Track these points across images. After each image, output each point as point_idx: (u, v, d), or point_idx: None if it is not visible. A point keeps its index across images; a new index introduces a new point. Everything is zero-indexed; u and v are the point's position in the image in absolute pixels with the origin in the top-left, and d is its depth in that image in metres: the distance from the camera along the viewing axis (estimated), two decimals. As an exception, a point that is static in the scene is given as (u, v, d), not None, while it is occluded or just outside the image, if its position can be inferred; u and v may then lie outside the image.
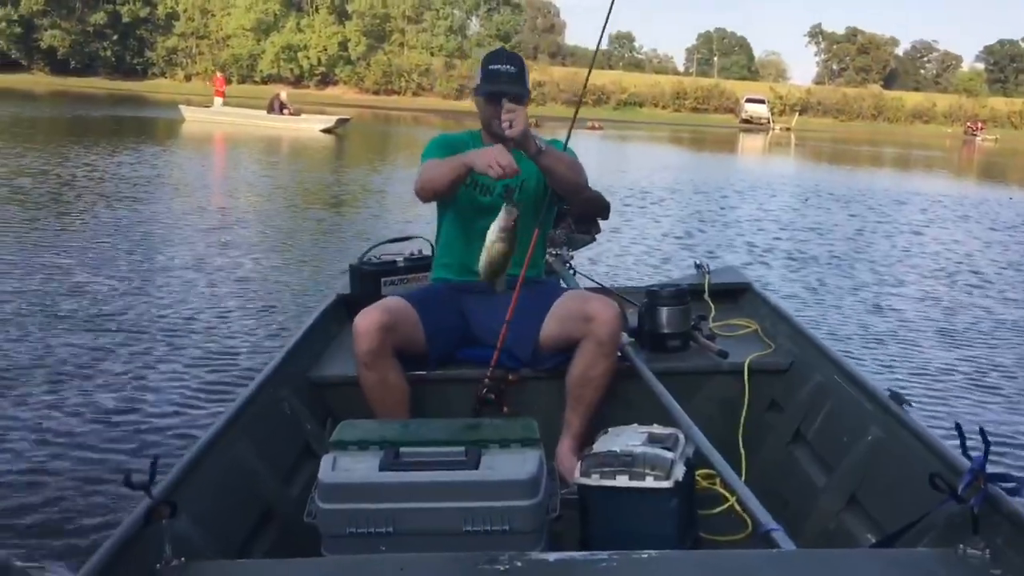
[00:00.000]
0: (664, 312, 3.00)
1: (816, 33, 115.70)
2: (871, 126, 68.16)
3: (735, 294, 3.60)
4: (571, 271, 3.24)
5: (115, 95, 49.29)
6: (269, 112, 27.54)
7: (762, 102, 65.65)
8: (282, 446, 2.55)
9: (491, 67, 2.86)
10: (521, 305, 2.74)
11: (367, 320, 2.59)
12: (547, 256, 3.16)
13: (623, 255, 8.05)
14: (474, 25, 74.75)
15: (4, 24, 64.35)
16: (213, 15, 70.25)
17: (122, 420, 3.80)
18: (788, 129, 58.48)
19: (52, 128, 22.59)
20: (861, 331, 5.91)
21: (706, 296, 3.47)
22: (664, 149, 30.92)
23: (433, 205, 2.98)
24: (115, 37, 69.00)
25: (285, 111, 27.74)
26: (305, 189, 12.44)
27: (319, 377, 2.88)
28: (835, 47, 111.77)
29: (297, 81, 64.89)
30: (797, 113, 66.74)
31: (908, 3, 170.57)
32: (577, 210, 3.22)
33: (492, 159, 2.55)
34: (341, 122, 27.55)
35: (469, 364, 2.84)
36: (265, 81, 64.01)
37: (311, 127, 26.67)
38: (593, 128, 36.63)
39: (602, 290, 3.33)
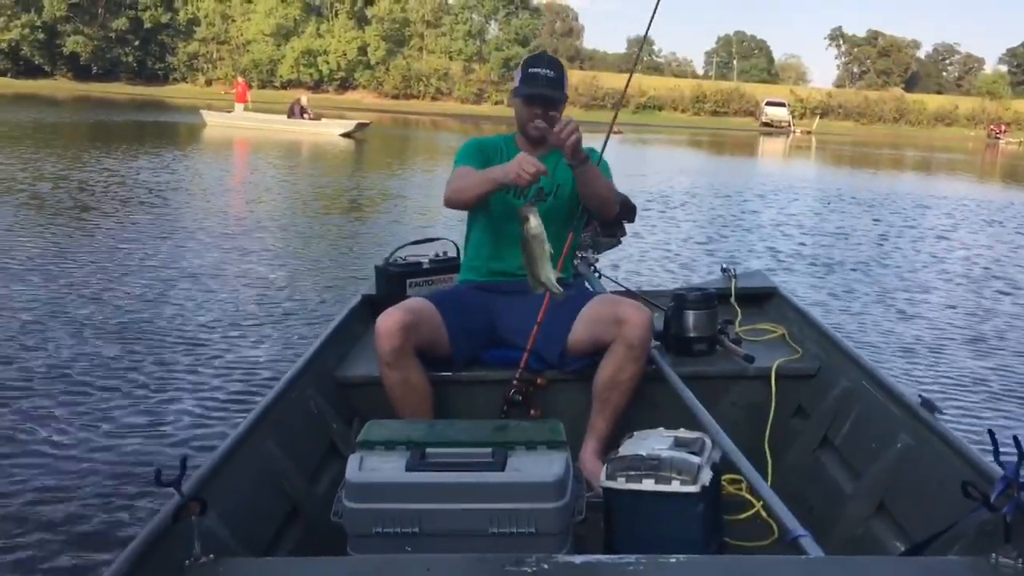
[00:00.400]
0: (691, 316, 2.99)
1: (837, 36, 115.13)
2: (893, 129, 67.67)
3: (761, 299, 3.59)
4: (596, 274, 3.24)
5: (136, 100, 49.76)
6: (290, 117, 27.70)
7: (783, 105, 65.37)
8: (308, 445, 2.56)
9: (531, 70, 2.85)
10: (550, 307, 2.75)
11: (389, 320, 2.61)
12: (575, 259, 3.16)
13: (642, 259, 8.03)
14: (493, 29, 74.85)
15: (28, 30, 65.12)
16: (234, 20, 70.75)
17: (150, 420, 3.83)
18: (809, 132, 58.16)
19: (74, 133, 22.80)
20: (887, 338, 5.84)
21: (733, 300, 3.47)
22: (684, 152, 30.82)
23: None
24: (137, 43, 69.66)
25: (305, 115, 27.91)
26: (327, 193, 12.49)
27: (345, 377, 2.89)
28: (856, 50, 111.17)
29: (316, 86, 65.23)
30: (818, 116, 66.37)
31: (930, 6, 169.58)
32: (606, 215, 3.21)
33: (519, 169, 2.57)
34: (361, 126, 27.66)
35: (496, 366, 2.85)
36: (285, 86, 64.41)
37: (331, 132, 26.80)
38: (616, 133, 36.60)
39: (628, 293, 3.33)
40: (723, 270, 3.68)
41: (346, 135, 26.52)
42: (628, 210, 3.27)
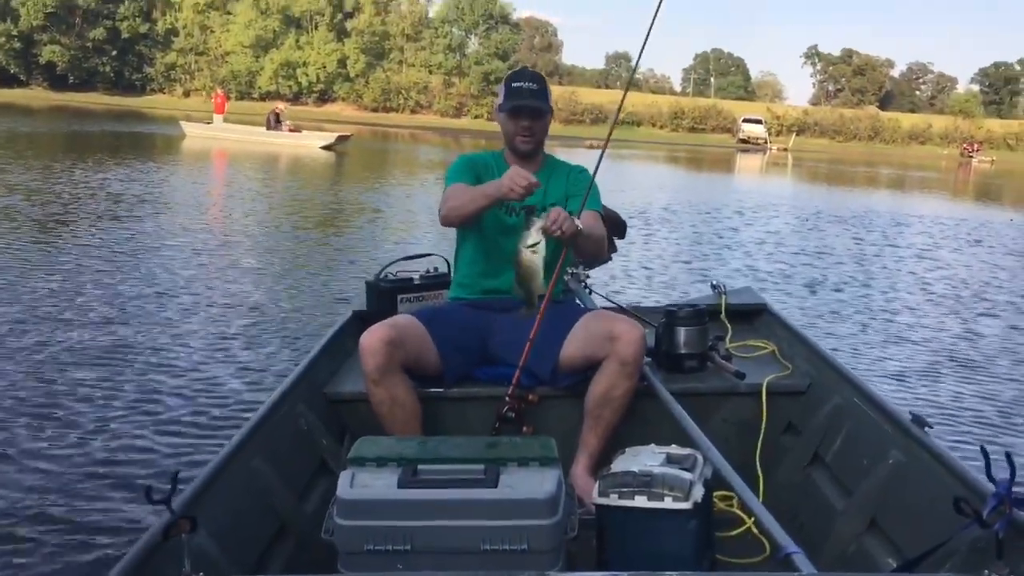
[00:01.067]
0: (682, 332, 3.00)
1: (812, 54, 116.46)
2: (868, 147, 68.47)
3: (752, 315, 3.60)
4: (587, 290, 3.23)
5: (113, 110, 49.41)
6: (268, 128, 27.61)
7: (759, 122, 65.97)
8: (298, 462, 2.54)
9: (514, 84, 2.90)
10: (541, 324, 2.73)
11: (372, 337, 2.60)
12: (565, 275, 3.15)
13: (625, 276, 8.02)
14: (473, 43, 75.08)
15: (3, 39, 64.58)
16: (212, 32, 70.56)
17: (138, 439, 3.78)
18: (785, 149, 58.73)
19: (50, 144, 22.61)
20: (874, 357, 5.83)
21: (723, 317, 3.47)
22: (663, 169, 31.03)
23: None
24: (114, 53, 69.25)
25: (283, 125, 27.81)
26: (312, 207, 12.43)
27: (335, 393, 2.87)
28: (831, 68, 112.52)
29: (296, 98, 65.12)
30: (794, 134, 67.04)
31: (903, 26, 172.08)
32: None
33: (511, 183, 2.58)
34: (341, 139, 27.62)
35: (487, 383, 2.84)
36: (264, 97, 64.20)
37: (311, 144, 26.73)
38: (591, 147, 36.77)
39: (619, 310, 3.33)
40: (713, 287, 3.69)
41: (327, 147, 26.47)
42: (618, 226, 3.28)
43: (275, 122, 27.79)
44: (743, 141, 62.94)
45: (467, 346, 2.85)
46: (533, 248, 2.56)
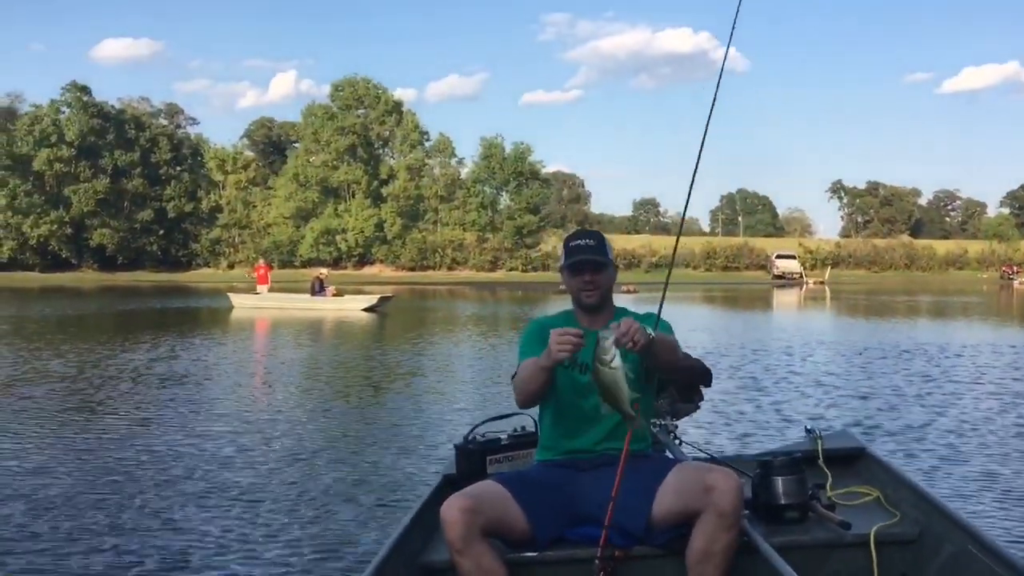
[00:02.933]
0: (780, 482, 2.94)
1: (837, 188, 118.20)
2: (905, 275, 68.35)
3: (851, 459, 3.52)
4: (677, 441, 3.21)
5: (161, 286, 50.93)
6: (312, 294, 28.29)
7: (792, 257, 66.49)
8: None
9: (572, 243, 3.03)
10: (630, 479, 2.70)
11: (451, 507, 2.63)
12: (653, 427, 3.15)
13: (700, 424, 7.63)
14: (504, 200, 77.41)
15: (56, 226, 67.73)
16: (255, 206, 73.54)
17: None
18: (822, 283, 58.74)
19: (101, 324, 23.24)
20: (984, 499, 5.37)
21: (820, 462, 3.40)
22: (702, 309, 31.03)
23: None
24: (161, 232, 72.27)
25: (327, 290, 28.50)
26: (364, 371, 12.44)
27: (430, 562, 2.84)
28: (858, 200, 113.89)
29: (336, 262, 66.94)
30: (829, 266, 67.24)
31: (925, 156, 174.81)
32: (679, 378, 3.23)
33: (555, 344, 2.64)
34: (383, 300, 28.17)
35: (582, 543, 2.78)
36: (305, 264, 66.16)
37: (354, 307, 27.30)
38: (628, 292, 37.09)
39: (712, 460, 3.29)
40: (807, 431, 3.63)
41: (369, 309, 26.97)
42: (703, 375, 3.29)
43: (319, 288, 28.49)
44: (778, 276, 63.23)
45: (556, 507, 2.82)
46: (610, 363, 2.57)
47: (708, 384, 3.31)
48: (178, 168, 74.51)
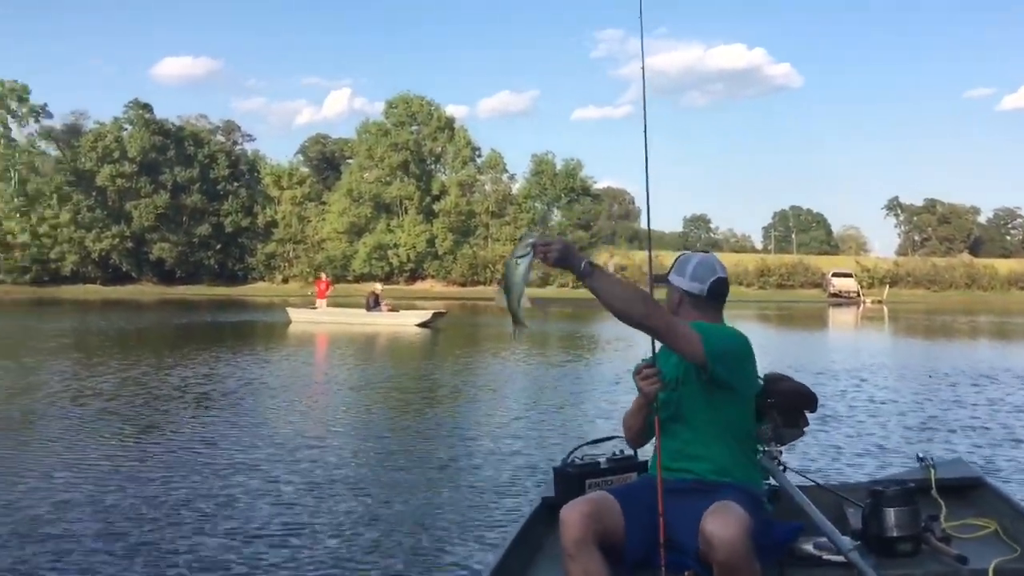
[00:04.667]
0: (891, 513, 2.87)
1: (894, 206, 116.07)
2: (965, 295, 66.72)
3: (966, 490, 3.43)
4: (781, 467, 3.14)
5: (217, 300, 51.71)
6: (367, 309, 28.55)
7: (849, 276, 65.43)
8: None
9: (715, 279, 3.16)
10: (686, 507, 2.66)
11: (573, 510, 2.65)
12: (758, 453, 3.08)
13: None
14: (555, 216, 77.41)
15: (118, 240, 69.34)
16: (309, 221, 74.51)
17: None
18: (880, 302, 57.71)
19: (172, 337, 23.67)
20: None
21: (934, 493, 3.32)
22: (757, 327, 30.65)
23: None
24: (218, 246, 73.55)
25: (382, 306, 28.75)
26: (436, 387, 12.47)
27: None
28: (915, 218, 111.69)
29: (387, 277, 67.39)
30: (887, 285, 66.01)
31: (984, 173, 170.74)
32: (782, 403, 3.16)
33: (642, 385, 2.83)
34: (437, 316, 28.30)
35: (669, 570, 2.71)
36: (358, 279, 66.77)
37: (409, 322, 27.47)
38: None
39: (817, 488, 3.23)
40: (919, 459, 3.55)
41: (423, 325, 27.13)
42: (807, 399, 3.22)
43: (374, 303, 28.75)
44: (834, 295, 62.28)
45: (649, 528, 2.77)
46: (516, 257, 2.66)
47: (813, 409, 3.25)
48: (235, 184, 75.81)
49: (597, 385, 12.56)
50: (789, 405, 3.19)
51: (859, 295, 61.53)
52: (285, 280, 71.55)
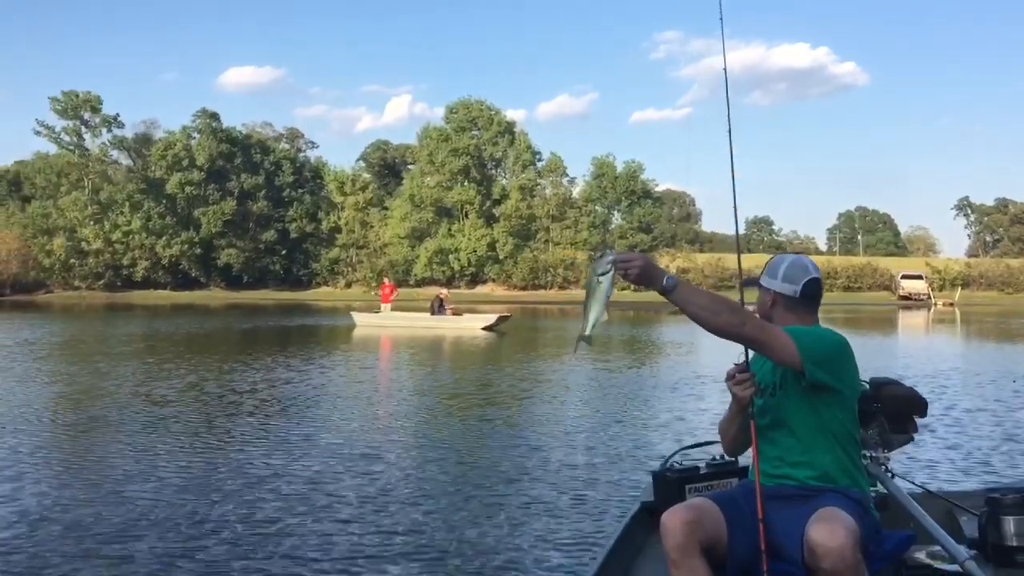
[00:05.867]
0: (1011, 522, 2.79)
1: (964, 206, 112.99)
2: (1043, 297, 64.63)
3: None
4: (889, 474, 3.07)
5: (283, 304, 52.53)
6: (432, 313, 28.74)
7: (919, 278, 63.95)
8: None
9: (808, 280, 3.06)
10: (790, 515, 2.62)
11: (674, 517, 2.61)
12: (864, 459, 3.01)
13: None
14: (616, 219, 77.10)
15: (187, 246, 71.10)
16: (372, 226, 75.42)
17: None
18: (951, 304, 56.23)
19: (239, 343, 24.08)
20: None
21: None
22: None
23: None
24: (284, 252, 74.91)
25: (447, 309, 28.94)
26: (506, 390, 12.39)
27: None
28: (987, 219, 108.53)
29: (448, 281, 67.88)
30: (959, 287, 64.27)
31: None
32: (891, 408, 3.09)
33: (736, 391, 2.80)
34: (501, 319, 28.38)
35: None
36: (419, 284, 67.37)
37: (474, 326, 27.60)
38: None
39: (928, 496, 3.14)
40: None
41: (487, 328, 27.23)
42: (915, 404, 3.15)
43: (439, 307, 28.95)
44: (904, 297, 60.90)
45: (754, 535, 2.72)
46: (597, 274, 2.64)
47: (922, 415, 3.16)
48: (300, 190, 77.12)
49: (678, 388, 12.46)
50: (898, 410, 3.12)
51: (930, 297, 60.06)
52: (348, 285, 72.52)
